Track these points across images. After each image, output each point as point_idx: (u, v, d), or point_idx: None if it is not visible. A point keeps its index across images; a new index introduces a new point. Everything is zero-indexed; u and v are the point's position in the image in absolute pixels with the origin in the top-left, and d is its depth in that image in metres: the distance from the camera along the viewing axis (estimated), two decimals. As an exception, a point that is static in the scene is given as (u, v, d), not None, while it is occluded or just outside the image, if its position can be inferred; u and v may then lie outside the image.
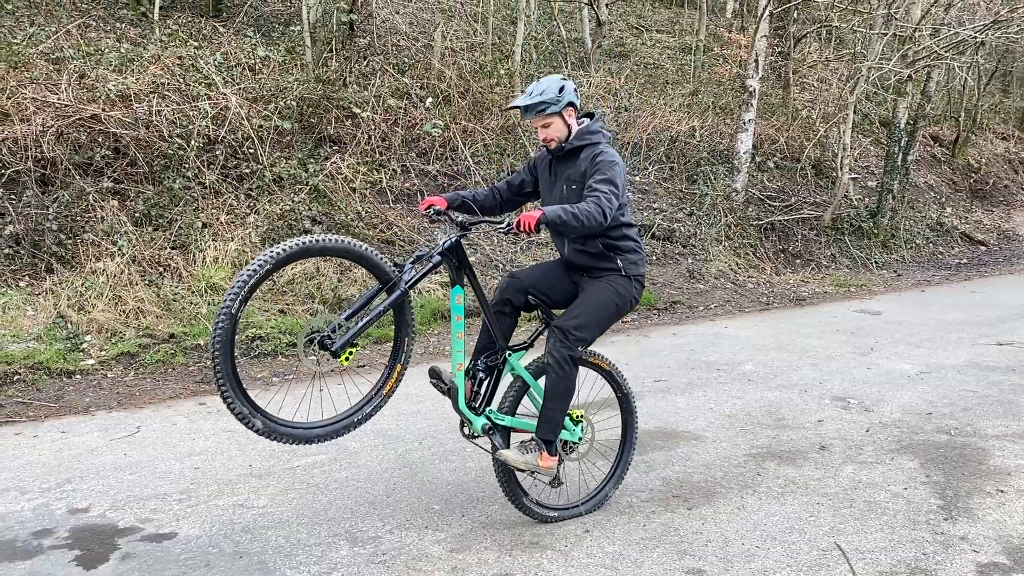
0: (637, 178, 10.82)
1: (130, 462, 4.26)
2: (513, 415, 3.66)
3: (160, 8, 10.01)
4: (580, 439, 3.88)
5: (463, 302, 3.47)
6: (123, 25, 9.64)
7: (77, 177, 7.12)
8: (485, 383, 3.65)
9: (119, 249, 6.83)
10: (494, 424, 3.59)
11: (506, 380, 3.73)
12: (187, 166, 7.61)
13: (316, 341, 3.08)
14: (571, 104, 3.57)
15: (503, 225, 3.30)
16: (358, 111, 9.10)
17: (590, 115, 3.72)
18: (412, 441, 4.70)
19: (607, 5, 13.76)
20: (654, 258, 9.66)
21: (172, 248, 7.14)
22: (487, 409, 3.62)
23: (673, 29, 16.47)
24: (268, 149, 8.24)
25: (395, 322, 3.42)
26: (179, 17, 10.41)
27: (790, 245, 11.36)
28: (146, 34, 9.39)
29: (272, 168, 8.11)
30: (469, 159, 9.51)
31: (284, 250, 2.98)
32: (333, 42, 9.85)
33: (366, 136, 9.01)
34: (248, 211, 7.75)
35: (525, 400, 3.76)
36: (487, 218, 3.54)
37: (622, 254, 3.66)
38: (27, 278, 6.50)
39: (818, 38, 16.55)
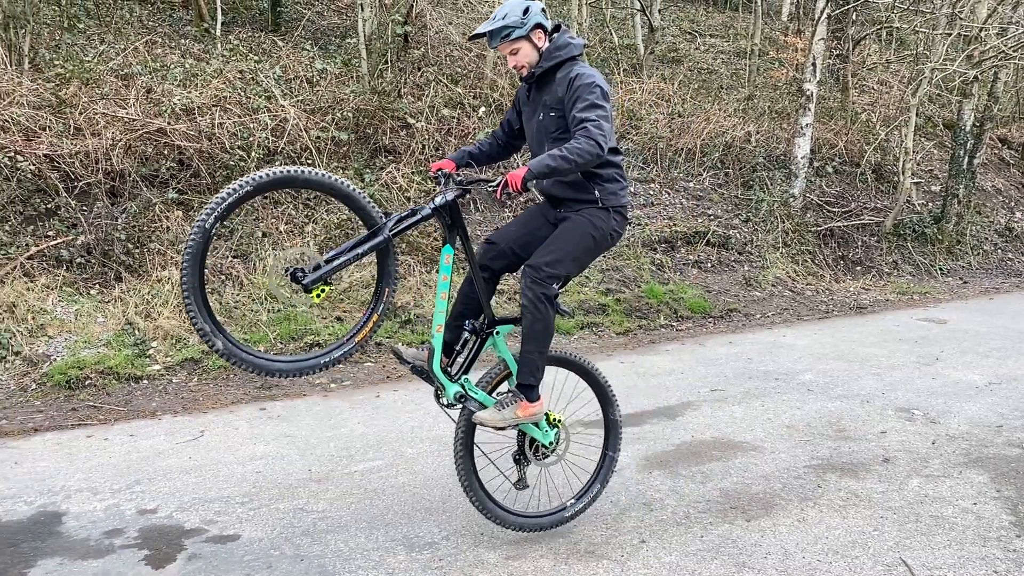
0: (691, 184, 10.71)
1: (195, 465, 4.39)
2: (489, 395, 3.49)
3: (222, 24, 10.32)
4: (551, 444, 3.63)
5: (451, 262, 3.33)
6: (187, 41, 9.97)
7: (144, 188, 7.37)
8: (468, 347, 3.47)
9: (175, 261, 7.04)
10: (467, 394, 3.40)
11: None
12: (248, 177, 7.81)
13: (289, 272, 3.02)
14: (539, 26, 3.31)
15: (494, 184, 3.12)
16: (412, 121, 9.23)
17: (557, 28, 3.44)
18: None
19: (660, 11, 13.68)
20: (709, 265, 9.55)
21: (233, 257, 7.33)
22: (463, 377, 3.42)
23: (727, 33, 16.28)
24: (325, 160, 8.41)
25: (377, 271, 3.31)
26: (240, 32, 10.72)
27: (850, 252, 11.09)
28: (209, 49, 9.69)
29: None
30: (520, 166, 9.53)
31: (268, 175, 2.90)
32: (388, 54, 10.01)
33: (420, 146, 9.12)
34: (306, 220, 7.92)
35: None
36: (481, 177, 3.35)
37: (601, 183, 3.40)
38: (97, 286, 6.75)
39: (878, 39, 16.16)
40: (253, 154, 7.90)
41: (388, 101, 9.32)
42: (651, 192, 10.31)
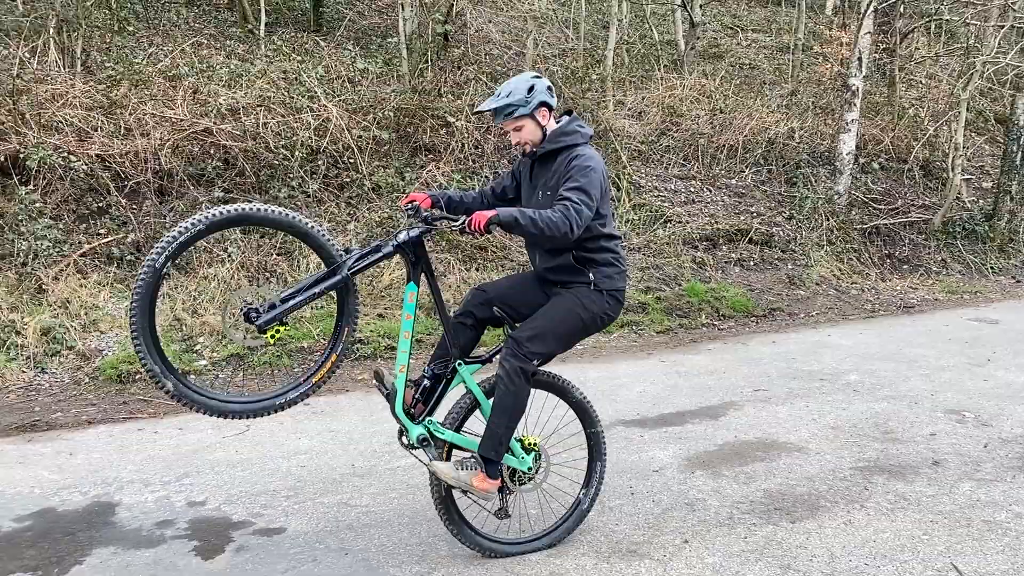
0: (733, 181, 10.59)
1: (241, 459, 4.47)
2: (458, 431, 3.36)
3: (265, 25, 10.48)
4: (530, 469, 3.46)
5: (415, 300, 3.25)
6: (232, 42, 10.15)
7: (191, 187, 7.53)
8: (430, 391, 3.38)
9: (229, 256, 7.19)
10: (432, 435, 3.28)
11: (458, 393, 3.46)
12: (291, 176, 7.93)
13: (243, 313, 2.92)
14: (543, 104, 3.28)
15: (458, 223, 3.03)
16: (452, 120, 9.27)
17: (568, 112, 3.44)
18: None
19: (700, 6, 13.53)
20: (751, 263, 9.43)
21: (278, 254, 7.45)
22: (427, 419, 3.31)
23: (770, 28, 16.04)
24: (367, 158, 8.49)
25: (337, 309, 3.22)
26: (283, 33, 10.87)
27: (897, 250, 10.86)
28: (253, 50, 9.85)
29: (371, 177, 8.35)
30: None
31: (221, 213, 2.81)
32: (428, 53, 10.07)
33: (460, 144, 9.16)
34: (348, 219, 8.01)
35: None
36: (446, 215, 3.22)
37: (596, 267, 3.33)
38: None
39: (927, 32, 15.77)
40: (297, 153, 8.01)
41: (428, 100, 9.38)
42: (692, 189, 10.21)
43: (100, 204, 7.17)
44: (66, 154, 7.05)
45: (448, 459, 3.33)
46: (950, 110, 12.11)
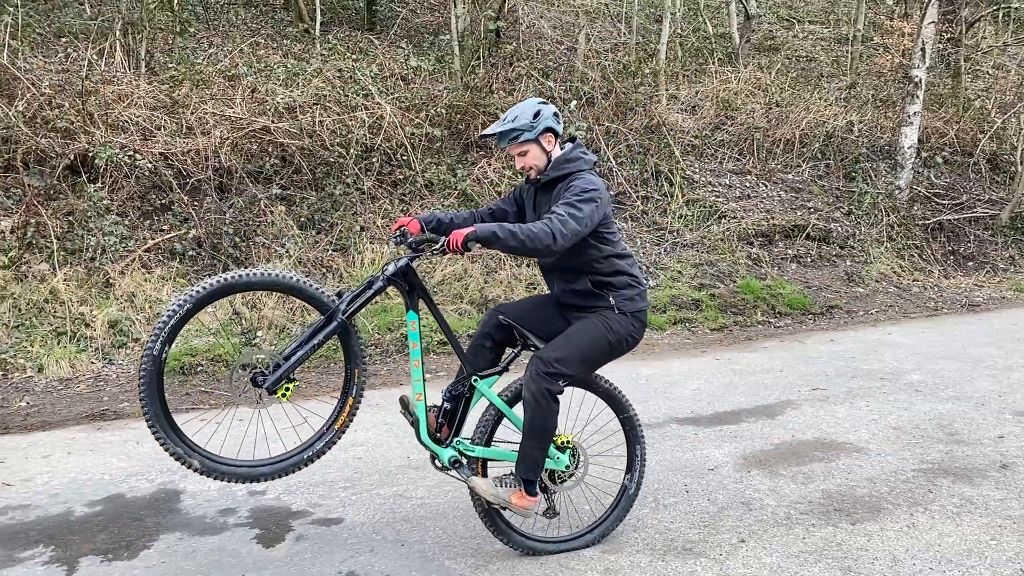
0: (790, 176, 10.38)
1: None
2: (487, 445, 3.36)
3: (320, 24, 10.66)
4: (567, 467, 3.47)
5: (418, 328, 3.24)
6: (288, 42, 10.35)
7: (250, 184, 7.70)
8: (452, 413, 3.36)
9: (287, 251, 7.34)
10: (464, 455, 3.29)
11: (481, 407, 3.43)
12: (347, 173, 8.06)
13: (249, 378, 2.96)
14: (549, 130, 3.24)
15: (437, 245, 3.00)
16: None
17: (572, 139, 3.40)
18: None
19: (756, -2, 13.30)
20: (808, 260, 9.23)
21: (333, 250, 7.58)
22: (455, 440, 3.31)
23: (827, 19, 15.68)
24: (420, 156, 8.57)
25: (343, 354, 3.22)
26: (338, 32, 11.04)
27: (961, 246, 10.51)
28: (309, 49, 10.02)
29: (423, 174, 8.43)
30: (612, 160, 9.47)
31: (204, 288, 2.84)
32: (480, 50, 10.11)
33: (512, 140, 9.17)
34: (402, 215, 8.09)
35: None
36: (428, 237, 3.14)
37: (615, 291, 3.30)
38: (207, 278, 7.10)
39: (994, 21, 15.21)
40: (351, 150, 8.13)
41: (480, 97, 9.42)
42: (747, 184, 10.05)
43: (163, 201, 7.39)
44: (132, 153, 7.28)
45: (484, 473, 3.34)
46: (1019, 101, 11.66)
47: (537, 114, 3.22)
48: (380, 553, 3.42)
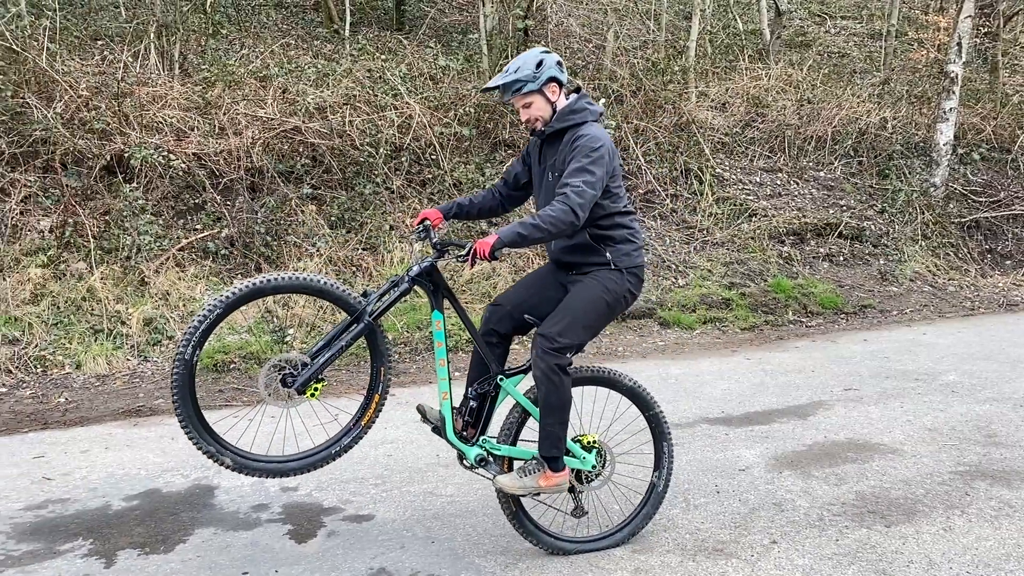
0: (822, 173, 10.26)
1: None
2: (513, 444, 3.36)
3: (350, 25, 10.74)
4: (594, 467, 3.44)
5: (443, 327, 3.25)
6: (319, 42, 10.44)
7: (281, 184, 7.79)
8: (478, 412, 3.35)
9: (317, 250, 7.41)
10: (490, 454, 3.29)
11: (507, 406, 3.42)
12: (376, 173, 8.11)
13: (278, 379, 3.02)
14: (553, 80, 3.18)
15: (463, 252, 2.99)
16: (533, 114, 9.28)
17: (577, 90, 3.31)
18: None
19: (788, -6, 13.15)
20: (841, 258, 9.11)
21: (363, 249, 7.64)
22: (482, 439, 3.31)
23: (860, 14, 15.45)
24: (448, 155, 8.60)
25: (370, 354, 3.26)
26: (367, 32, 11.12)
27: (999, 245, 10.31)
28: (339, 50, 10.11)
29: (452, 173, 8.46)
30: (641, 158, 9.43)
31: (234, 293, 2.90)
32: (509, 49, 10.11)
33: (540, 139, 9.17)
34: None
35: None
36: (455, 241, 3.17)
37: (613, 245, 3.24)
38: (240, 276, 7.19)
39: (1033, 14, 14.87)
40: (381, 150, 8.18)
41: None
42: (778, 182, 9.94)
43: (196, 200, 7.50)
44: (166, 153, 7.39)
45: (510, 471, 3.34)
46: (1059, 96, 11.41)
47: (540, 64, 3.17)
48: (410, 550, 3.44)
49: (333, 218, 7.77)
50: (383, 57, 9.78)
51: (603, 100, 9.76)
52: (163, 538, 3.54)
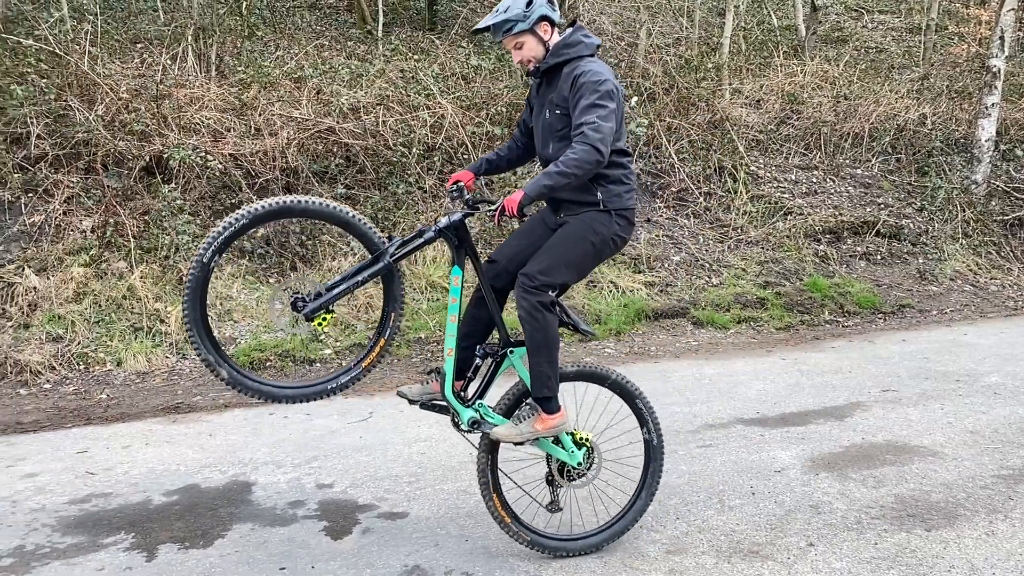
0: (859, 171, 10.09)
1: (365, 444, 4.65)
2: (507, 417, 3.32)
3: (383, 25, 10.81)
4: (580, 464, 3.38)
5: (460, 284, 3.19)
6: (352, 43, 10.53)
7: (315, 184, 7.86)
8: (480, 372, 3.33)
9: (352, 249, 7.47)
10: (483, 419, 3.25)
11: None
12: (409, 172, 8.16)
13: (290, 302, 3.02)
14: (545, 18, 3.11)
15: (493, 208, 2.99)
16: (565, 113, 9.26)
17: (573, 23, 3.24)
18: (622, 441, 4.70)
19: (824, -12, 12.95)
20: (879, 257, 8.96)
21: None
22: (478, 403, 3.27)
23: (898, 9, 15.15)
24: (480, 154, 8.61)
25: (383, 295, 3.25)
26: (399, 33, 11.18)
27: (1042, 243, 10.05)
28: (372, 50, 10.17)
29: (484, 171, 8.47)
30: (674, 156, 9.36)
31: (264, 207, 2.91)
32: (541, 47, 10.09)
33: (572, 137, 9.14)
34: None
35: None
36: (485, 199, 3.14)
37: (604, 185, 3.16)
38: (275, 275, 7.29)
39: (1079, 6, 14.47)
40: (414, 150, 8.23)
41: (541, 94, 9.40)
42: (814, 180, 9.81)
43: (233, 200, 7.60)
44: (203, 154, 7.51)
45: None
46: (1107, 90, 11.09)
47: (530, 2, 3.10)
48: (445, 548, 3.46)
49: (366, 217, 7.82)
50: (416, 57, 9.83)
51: (635, 98, 9.71)
52: (202, 533, 3.60)
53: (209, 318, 3.02)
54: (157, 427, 5.01)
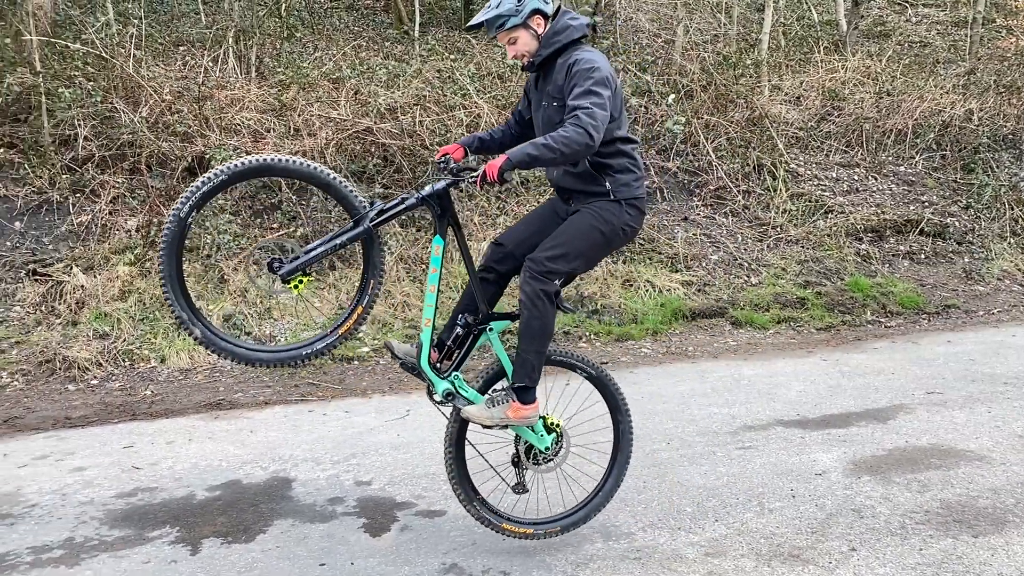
0: (902, 168, 9.89)
1: (403, 442, 4.69)
2: (482, 393, 3.30)
3: (419, 25, 10.87)
4: (547, 449, 3.37)
5: (440, 253, 3.17)
6: (389, 44, 10.60)
7: (354, 184, 7.94)
8: (463, 340, 3.31)
9: (388, 248, 7.53)
10: (458, 392, 3.23)
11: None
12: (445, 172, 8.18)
13: (267, 263, 2.98)
14: (537, 12, 3.09)
15: (476, 174, 2.94)
16: (601, 111, 9.21)
17: (558, 10, 3.20)
18: (659, 441, 4.69)
19: (866, -18, 12.71)
20: (923, 256, 8.77)
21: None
22: (454, 374, 3.25)
23: (943, 2, 14.79)
24: (516, 152, 8.61)
25: (363, 262, 3.19)
26: (436, 33, 11.23)
27: (1095, 241, 9.74)
28: (408, 50, 10.24)
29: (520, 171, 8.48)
30: (712, 153, 9.26)
31: (243, 163, 2.87)
32: (577, 45, 10.06)
33: (608, 136, 9.10)
34: (498, 212, 8.17)
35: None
36: (469, 166, 3.12)
37: (612, 174, 3.15)
38: (314, 274, 7.36)
39: None
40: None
41: (577, 92, 9.37)
42: (856, 177, 9.63)
43: (273, 200, 7.71)
44: (244, 154, 7.63)
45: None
46: None
47: None
48: (482, 546, 3.48)
49: (403, 217, 7.87)
50: (452, 57, 9.87)
51: (672, 95, 9.62)
52: (244, 528, 3.66)
53: (185, 274, 2.98)
54: (199, 423, 5.11)
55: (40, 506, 3.89)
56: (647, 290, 7.66)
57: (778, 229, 8.73)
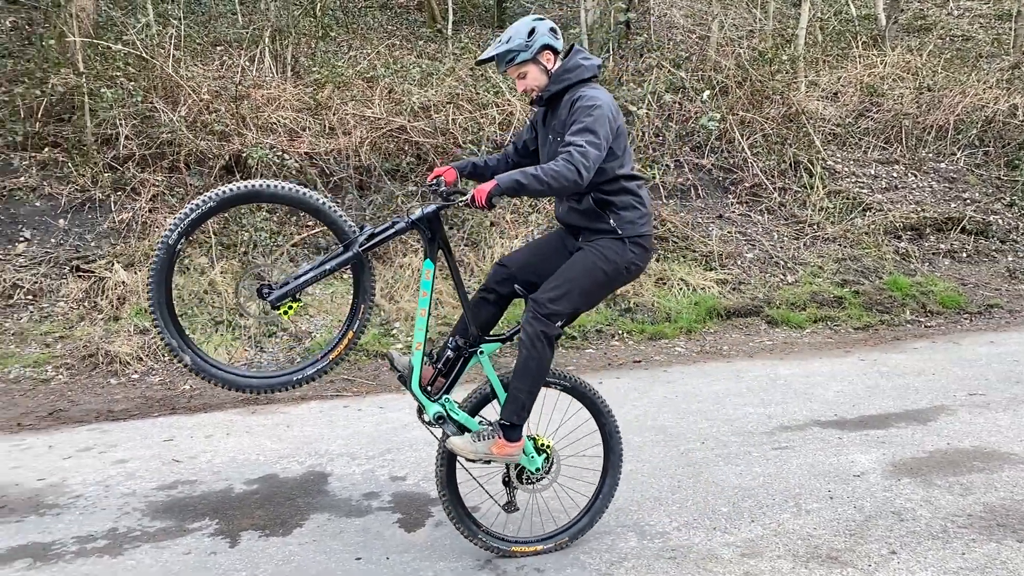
0: (943, 165, 9.69)
1: (436, 439, 4.70)
2: (472, 415, 3.30)
3: (452, 24, 10.90)
4: (538, 471, 3.37)
5: (431, 277, 3.18)
6: (422, 42, 10.65)
7: (387, 182, 8.00)
8: (453, 363, 3.32)
9: (422, 247, 7.57)
10: (448, 415, 3.24)
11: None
12: (478, 169, 8.21)
13: (256, 290, 2.97)
14: (547, 47, 3.11)
15: (465, 198, 2.94)
16: (633, 109, 9.17)
17: (572, 48, 3.23)
18: (694, 441, 4.65)
19: (906, -25, 12.47)
20: (964, 255, 8.59)
21: (465, 245, 7.75)
22: (444, 397, 3.26)
23: (987, -6, 14.47)
24: (549, 150, 8.61)
25: (353, 286, 3.18)
26: (469, 31, 11.26)
27: None
28: (442, 49, 10.28)
29: (553, 168, 8.46)
30: (747, 150, 9.16)
31: (232, 190, 2.85)
32: (610, 42, 10.02)
33: (640, 133, 9.06)
34: (531, 210, 8.17)
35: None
36: (458, 189, 3.11)
37: (616, 212, 3.14)
38: (348, 271, 7.43)
39: None
40: (483, 147, 8.27)
41: (610, 89, 9.32)
42: (895, 175, 9.46)
43: (308, 198, 7.78)
44: (280, 153, 7.72)
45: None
46: None
47: (532, 32, 3.11)
48: (516, 543, 3.48)
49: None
50: (485, 55, 9.88)
51: (707, 92, 9.54)
52: (281, 521, 3.71)
53: (175, 300, 2.96)
54: (237, 418, 5.19)
55: (84, 497, 3.98)
56: (680, 288, 7.61)
57: (815, 227, 8.61)
